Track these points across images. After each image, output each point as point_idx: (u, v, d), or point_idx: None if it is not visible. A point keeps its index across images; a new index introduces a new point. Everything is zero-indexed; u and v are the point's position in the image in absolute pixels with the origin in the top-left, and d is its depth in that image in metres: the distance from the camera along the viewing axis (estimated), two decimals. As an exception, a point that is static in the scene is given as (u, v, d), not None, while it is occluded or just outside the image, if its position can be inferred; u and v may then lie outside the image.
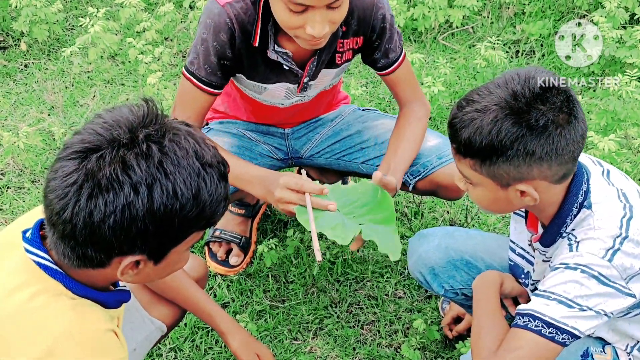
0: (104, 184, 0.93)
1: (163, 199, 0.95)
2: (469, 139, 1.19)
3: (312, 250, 2.20)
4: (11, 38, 3.20)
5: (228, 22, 1.55)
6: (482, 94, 1.21)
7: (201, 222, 1.03)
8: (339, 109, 2.03)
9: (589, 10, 3.14)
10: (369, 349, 1.92)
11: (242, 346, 1.54)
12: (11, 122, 2.74)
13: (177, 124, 1.02)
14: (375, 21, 1.65)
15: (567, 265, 1.22)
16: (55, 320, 0.99)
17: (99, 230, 0.94)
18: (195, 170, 0.98)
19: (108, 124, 0.97)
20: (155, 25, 2.94)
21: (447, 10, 3.09)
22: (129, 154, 0.94)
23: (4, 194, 2.44)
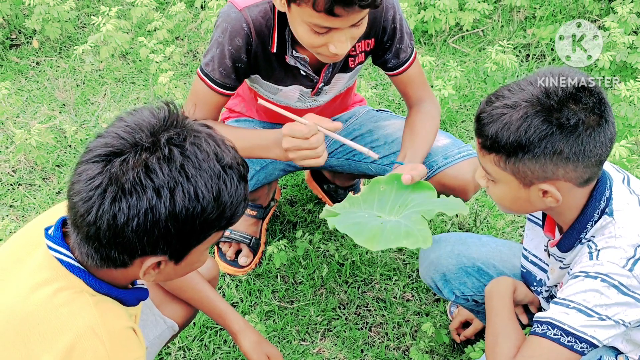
0: (128, 187, 0.94)
1: (185, 202, 0.96)
2: (496, 133, 1.18)
3: (321, 252, 2.21)
4: (24, 36, 3.22)
5: (244, 27, 1.56)
6: (513, 90, 1.20)
7: (221, 223, 1.04)
8: (353, 110, 2.04)
9: (600, 15, 3.14)
10: (377, 351, 1.93)
11: (252, 346, 1.54)
12: (23, 120, 2.76)
13: (197, 126, 1.03)
14: (386, 22, 1.65)
15: (587, 274, 1.22)
16: (78, 317, 1.01)
17: (122, 233, 0.96)
18: (216, 173, 0.99)
19: (130, 127, 0.98)
20: (166, 24, 2.95)
21: (458, 13, 3.09)
22: (152, 157, 0.95)
23: (15, 190, 2.45)
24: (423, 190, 1.48)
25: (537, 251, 1.49)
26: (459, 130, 2.71)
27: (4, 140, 2.66)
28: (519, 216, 2.33)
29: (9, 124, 2.71)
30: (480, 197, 2.39)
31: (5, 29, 3.20)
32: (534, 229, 1.50)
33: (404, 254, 2.21)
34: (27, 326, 1.01)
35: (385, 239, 1.34)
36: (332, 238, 2.26)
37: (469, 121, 2.76)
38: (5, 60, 3.09)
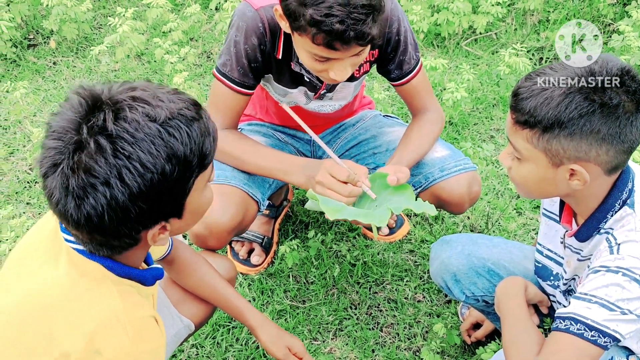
0: (79, 193, 0.94)
1: (138, 180, 0.94)
2: (535, 108, 1.18)
3: (333, 252, 2.22)
4: (41, 36, 3.26)
5: (260, 26, 1.57)
6: (555, 68, 1.21)
7: (195, 169, 1.02)
8: (360, 114, 2.05)
9: (615, 19, 3.13)
10: (388, 352, 1.94)
11: (272, 340, 1.53)
12: (40, 119, 2.80)
13: (120, 95, 0.98)
14: (390, 34, 1.66)
15: (608, 268, 1.22)
16: (102, 304, 1.03)
17: (104, 227, 0.97)
18: (156, 134, 0.96)
19: (58, 132, 0.95)
20: (181, 25, 2.98)
21: (471, 16, 3.09)
22: (83, 157, 0.93)
23: (32, 188, 2.49)
24: (402, 192, 1.54)
25: (553, 245, 1.49)
26: (471, 133, 2.72)
27: (21, 139, 2.70)
28: (531, 219, 2.33)
29: (26, 122, 2.75)
30: (492, 200, 2.39)
31: (23, 29, 3.25)
32: (548, 223, 1.50)
33: (415, 255, 2.22)
34: (49, 312, 1.02)
35: (347, 213, 1.44)
36: (344, 239, 2.27)
37: (481, 124, 2.77)
38: (23, 60, 3.14)
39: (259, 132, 1.96)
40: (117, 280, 1.07)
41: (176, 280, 1.55)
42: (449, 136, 2.70)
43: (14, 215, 2.28)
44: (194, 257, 1.54)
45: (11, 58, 3.12)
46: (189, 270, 1.53)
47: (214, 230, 1.65)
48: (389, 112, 2.72)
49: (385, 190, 1.55)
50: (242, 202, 1.70)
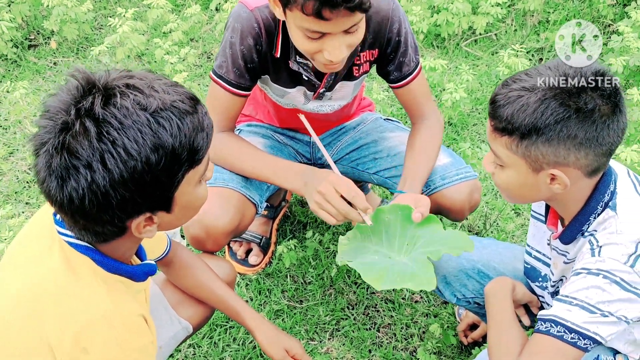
0: (61, 173, 0.94)
1: (120, 166, 0.94)
2: (512, 115, 1.19)
3: (331, 252, 2.22)
4: (42, 36, 3.27)
5: (255, 26, 1.58)
6: (530, 74, 1.22)
7: (184, 163, 1.01)
8: (361, 117, 2.04)
9: (614, 19, 3.13)
10: (385, 352, 1.94)
11: (270, 342, 1.53)
12: (40, 119, 2.80)
13: (115, 81, 0.98)
14: (390, 34, 1.65)
15: (589, 271, 1.22)
16: (91, 302, 1.03)
17: (85, 211, 0.96)
18: (145, 123, 0.95)
19: (51, 112, 0.96)
20: (181, 26, 2.99)
21: (471, 16, 3.09)
22: (68, 138, 0.93)
23: (31, 188, 2.50)
24: (429, 224, 1.50)
25: (541, 246, 1.50)
26: (470, 134, 2.72)
27: (21, 139, 2.71)
28: (529, 219, 2.33)
29: (26, 122, 2.76)
30: (490, 201, 2.39)
31: (24, 29, 3.26)
32: (536, 225, 1.51)
33: (413, 255, 2.22)
34: (41, 306, 1.02)
35: (392, 279, 1.38)
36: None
37: (481, 124, 2.77)
38: (24, 60, 3.15)
39: (257, 133, 1.96)
40: (106, 276, 1.07)
41: (174, 282, 1.55)
42: (448, 137, 2.70)
43: (13, 214, 2.29)
44: (192, 259, 1.54)
45: (12, 58, 3.14)
46: (188, 272, 1.53)
47: (211, 233, 1.65)
48: (388, 112, 2.72)
49: (410, 223, 1.51)
50: (240, 204, 1.70)
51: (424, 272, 1.38)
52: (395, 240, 1.50)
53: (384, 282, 1.37)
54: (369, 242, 1.51)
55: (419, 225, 1.50)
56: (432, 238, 1.48)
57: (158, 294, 1.52)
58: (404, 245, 1.49)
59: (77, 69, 0.98)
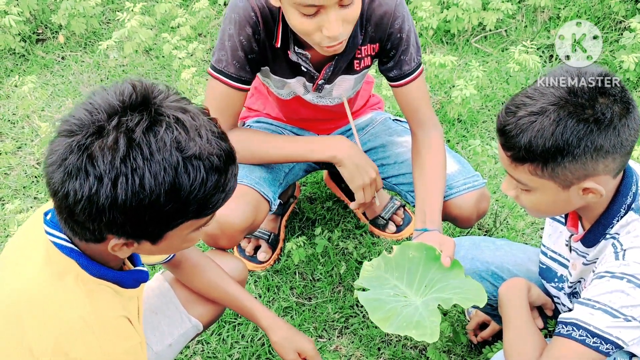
0: (71, 170, 0.92)
1: (128, 193, 0.91)
2: (530, 142, 1.16)
3: (340, 249, 2.21)
4: (50, 30, 3.26)
5: (253, 15, 1.55)
6: (533, 97, 1.18)
7: (189, 214, 0.99)
8: (370, 116, 2.02)
9: (626, 16, 3.10)
10: (394, 350, 1.93)
11: (283, 342, 1.52)
12: (48, 113, 2.80)
13: (168, 109, 0.96)
14: (392, 30, 1.62)
15: (613, 274, 1.20)
16: (70, 307, 1.01)
17: (74, 212, 0.95)
18: (172, 164, 0.92)
19: (93, 105, 0.94)
20: (189, 21, 2.98)
21: (481, 13, 3.07)
22: (96, 144, 0.91)
23: (39, 182, 2.49)
24: (452, 269, 1.49)
25: (557, 247, 1.48)
26: (480, 131, 2.70)
27: (29, 133, 2.71)
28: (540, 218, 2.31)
29: (34, 117, 2.75)
30: (500, 199, 2.37)
31: (32, 23, 3.25)
32: (553, 224, 1.49)
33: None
34: (22, 309, 1.01)
35: (397, 324, 1.38)
36: (351, 236, 2.26)
37: (490, 121, 2.75)
38: (32, 54, 3.15)
39: (267, 129, 1.95)
40: (88, 280, 1.04)
41: (185, 282, 1.53)
42: (458, 133, 2.68)
43: (21, 209, 2.29)
44: (202, 259, 1.52)
45: (20, 52, 3.13)
46: (198, 272, 1.51)
47: (226, 230, 1.64)
48: (397, 109, 2.71)
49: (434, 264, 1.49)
50: (255, 201, 1.69)
51: (430, 322, 1.37)
52: (416, 279, 1.49)
53: (390, 324, 1.37)
54: (391, 275, 1.51)
55: (441, 268, 1.49)
56: (450, 284, 1.47)
57: (169, 292, 1.52)
58: (422, 286, 1.48)
59: (140, 80, 0.97)
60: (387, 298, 1.46)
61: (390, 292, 1.48)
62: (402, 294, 1.47)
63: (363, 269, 1.53)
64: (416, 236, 1.62)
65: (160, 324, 1.47)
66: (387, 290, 1.48)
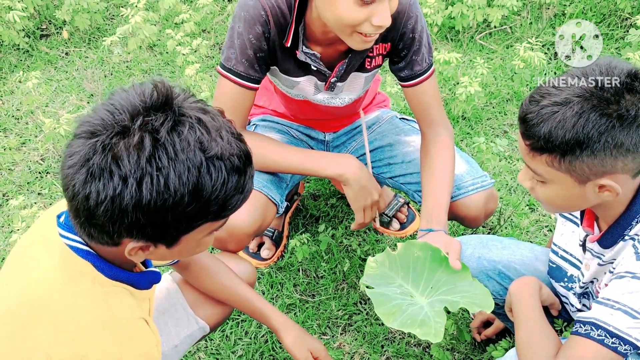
0: (94, 171, 0.91)
1: (153, 194, 0.91)
2: (550, 132, 1.14)
3: (343, 246, 2.21)
4: (54, 26, 3.26)
5: (263, 14, 1.54)
6: (559, 87, 1.16)
7: (209, 215, 0.99)
8: (376, 114, 2.01)
9: (632, 13, 3.08)
10: (398, 347, 1.93)
11: (295, 343, 1.51)
12: (52, 109, 2.80)
13: (189, 110, 0.96)
14: (405, 29, 1.62)
15: (633, 275, 1.19)
16: (87, 310, 1.00)
17: (95, 215, 0.94)
18: (196, 164, 0.93)
19: (115, 106, 0.94)
20: (193, 17, 2.97)
21: (486, 9, 3.06)
22: (121, 144, 0.91)
23: (43, 178, 2.50)
24: (459, 272, 1.49)
25: (569, 247, 1.46)
26: (485, 128, 2.69)
27: (33, 129, 2.71)
28: (544, 215, 2.31)
29: (38, 113, 2.75)
30: (504, 196, 2.37)
31: (36, 19, 3.25)
32: (565, 224, 1.47)
33: (426, 250, 2.20)
34: (36, 313, 1.00)
35: (402, 320, 1.37)
36: (355, 233, 2.26)
37: (495, 119, 2.74)
38: (36, 50, 3.15)
39: (273, 128, 1.94)
40: (105, 282, 1.04)
41: (194, 284, 1.53)
42: (462, 131, 2.67)
43: (26, 205, 2.29)
44: (211, 261, 1.52)
45: (24, 48, 3.13)
46: (207, 274, 1.51)
47: (234, 234, 1.64)
48: (401, 105, 2.70)
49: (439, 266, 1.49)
50: (263, 205, 1.69)
51: (435, 322, 1.37)
52: (422, 280, 1.49)
53: (394, 319, 1.37)
54: (396, 274, 1.51)
55: (448, 270, 1.48)
56: (456, 287, 1.46)
57: (177, 293, 1.51)
58: (429, 287, 1.48)
59: (161, 80, 0.97)
60: (393, 295, 1.46)
61: (396, 290, 1.48)
62: (408, 294, 1.47)
63: (367, 265, 1.52)
64: (421, 236, 1.62)
65: (167, 325, 1.47)
66: (393, 288, 1.48)
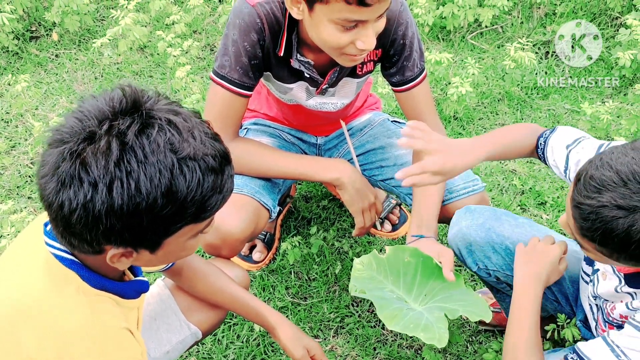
0: (64, 179, 0.90)
1: (124, 198, 0.90)
2: (608, 235, 1.06)
3: (335, 249, 2.21)
4: (43, 28, 3.24)
5: (258, 22, 1.54)
6: (621, 182, 1.04)
7: (188, 217, 0.97)
8: (368, 117, 2.01)
9: (622, 12, 3.09)
10: (390, 350, 1.93)
11: (291, 340, 1.50)
12: (42, 112, 2.78)
13: (159, 112, 0.94)
14: (395, 36, 1.61)
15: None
16: (71, 318, 0.99)
17: (70, 223, 0.93)
18: (167, 166, 0.91)
19: (84, 113, 0.93)
20: (184, 18, 2.96)
21: (477, 9, 3.06)
22: (88, 150, 0.90)
23: (33, 182, 2.48)
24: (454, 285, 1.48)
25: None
26: (476, 128, 2.70)
27: (22, 132, 2.69)
28: (535, 215, 2.31)
29: (27, 116, 2.74)
30: (496, 197, 2.37)
31: (25, 21, 3.23)
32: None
33: (418, 252, 2.20)
34: (21, 318, 0.99)
35: (405, 324, 1.36)
36: (347, 235, 2.26)
37: (486, 119, 2.74)
38: (25, 52, 3.13)
39: (265, 132, 1.93)
40: (89, 291, 1.03)
41: (187, 289, 1.52)
42: (454, 131, 2.67)
43: (15, 210, 2.27)
44: (203, 265, 1.51)
45: (13, 50, 3.11)
46: (200, 277, 1.50)
47: (227, 241, 1.64)
48: (392, 107, 2.70)
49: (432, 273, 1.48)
50: (255, 211, 1.69)
51: (438, 328, 1.36)
52: (414, 287, 1.48)
53: (397, 323, 1.35)
54: (386, 279, 1.50)
55: (441, 278, 1.48)
56: (452, 295, 1.46)
57: (169, 298, 1.50)
58: (422, 295, 1.47)
59: (129, 84, 0.95)
60: (390, 299, 1.45)
61: (392, 295, 1.47)
62: (402, 299, 1.47)
63: (354, 267, 1.51)
64: (411, 241, 1.61)
65: (159, 330, 1.46)
66: (387, 292, 1.47)
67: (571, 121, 2.71)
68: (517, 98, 2.83)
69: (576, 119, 2.70)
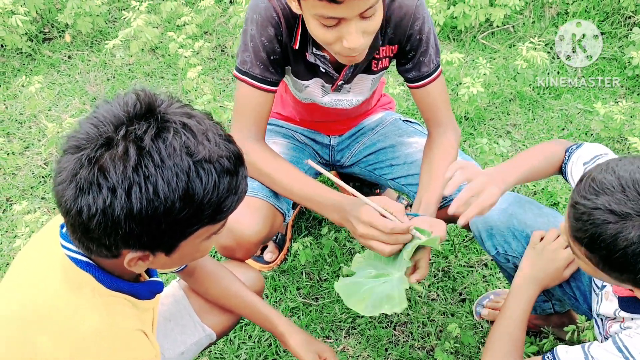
0: (83, 185, 0.91)
1: (143, 202, 0.90)
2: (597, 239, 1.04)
3: (347, 249, 2.21)
4: (56, 30, 3.27)
5: (275, 16, 1.54)
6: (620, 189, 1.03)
7: (204, 219, 0.98)
8: (380, 116, 2.01)
9: (636, 11, 3.07)
10: (401, 350, 1.93)
11: (302, 346, 1.50)
12: (55, 113, 2.81)
13: (174, 116, 0.96)
14: (412, 31, 1.61)
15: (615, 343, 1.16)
16: (86, 320, 1.00)
17: (89, 228, 0.93)
18: (184, 169, 0.92)
19: (99, 119, 0.93)
20: (195, 19, 2.97)
21: (488, 9, 3.05)
22: (106, 155, 0.91)
23: (47, 183, 2.50)
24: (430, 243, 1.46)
25: None
26: (487, 129, 2.69)
27: (36, 133, 2.72)
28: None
29: (41, 117, 2.76)
30: (508, 197, 2.36)
31: (38, 23, 3.26)
32: None
33: (429, 253, 2.20)
34: (38, 319, 1.00)
35: (372, 303, 1.34)
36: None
37: (497, 119, 2.73)
38: (38, 54, 3.15)
39: (279, 132, 1.94)
40: (104, 292, 1.04)
41: (198, 291, 1.53)
42: (465, 132, 2.66)
43: (29, 210, 2.29)
44: (216, 268, 1.52)
45: (27, 52, 3.14)
46: (212, 280, 1.51)
47: (242, 243, 1.64)
48: (404, 107, 2.70)
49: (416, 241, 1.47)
50: (270, 214, 1.69)
51: (398, 291, 1.34)
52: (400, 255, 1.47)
53: (365, 306, 1.34)
54: (379, 261, 1.48)
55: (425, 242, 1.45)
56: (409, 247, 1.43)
57: (183, 300, 1.51)
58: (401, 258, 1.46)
59: (143, 89, 0.96)
60: (364, 280, 1.42)
61: (371, 272, 1.44)
62: (385, 273, 1.44)
63: (354, 260, 1.50)
64: None
65: (174, 332, 1.47)
66: (368, 270, 1.44)
67: (584, 121, 2.69)
68: (529, 98, 2.82)
69: (589, 119, 2.68)
